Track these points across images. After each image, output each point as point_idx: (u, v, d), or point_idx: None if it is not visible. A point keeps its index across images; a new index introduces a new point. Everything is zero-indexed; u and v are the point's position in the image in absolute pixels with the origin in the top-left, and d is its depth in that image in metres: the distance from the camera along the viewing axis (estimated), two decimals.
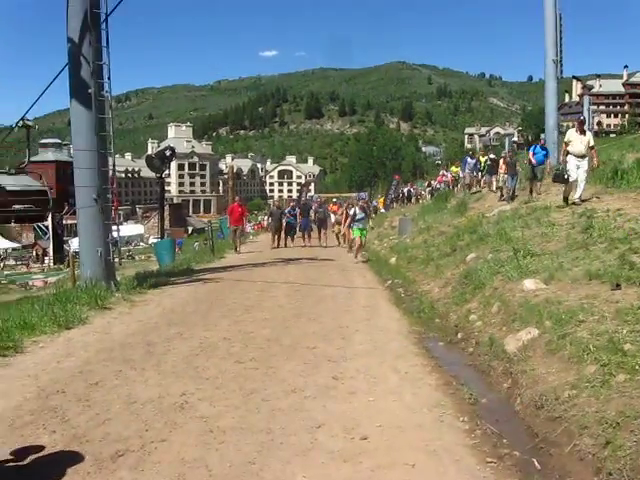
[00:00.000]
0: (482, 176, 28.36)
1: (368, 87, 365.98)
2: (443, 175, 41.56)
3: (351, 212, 19.46)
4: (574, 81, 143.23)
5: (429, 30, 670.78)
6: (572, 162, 14.23)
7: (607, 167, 16.69)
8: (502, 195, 21.19)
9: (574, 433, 4.46)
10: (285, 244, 26.13)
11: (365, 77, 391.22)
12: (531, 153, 19.80)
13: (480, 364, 6.81)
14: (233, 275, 15.20)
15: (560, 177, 14.79)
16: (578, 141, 14.37)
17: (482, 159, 28.96)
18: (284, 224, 26.20)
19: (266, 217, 47.40)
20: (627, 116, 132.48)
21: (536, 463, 4.34)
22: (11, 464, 4.30)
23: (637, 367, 4.80)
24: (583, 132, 14.58)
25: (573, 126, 15.31)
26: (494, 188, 24.00)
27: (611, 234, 9.58)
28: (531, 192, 18.93)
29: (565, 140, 14.88)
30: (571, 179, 14.12)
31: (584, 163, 14.19)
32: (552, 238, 11.06)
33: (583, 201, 13.67)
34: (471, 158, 30.42)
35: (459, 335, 8.21)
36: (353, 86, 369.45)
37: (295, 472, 4.15)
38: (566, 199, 14.31)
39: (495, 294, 8.94)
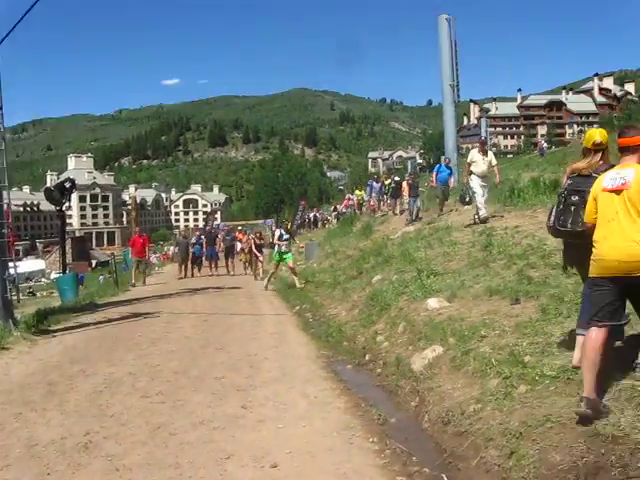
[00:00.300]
0: (387, 199, 28.83)
1: (272, 114, 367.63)
2: (349, 199, 42.05)
3: (277, 233, 19.01)
4: (471, 104, 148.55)
5: (330, 56, 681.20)
6: (476, 181, 14.47)
7: (505, 186, 17.30)
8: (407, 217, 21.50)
9: (480, 446, 4.55)
10: (192, 274, 25.86)
11: (268, 104, 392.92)
12: (434, 173, 20.16)
13: (388, 384, 6.87)
14: (138, 308, 14.85)
15: (463, 199, 15.20)
16: (481, 161, 14.69)
17: (386, 182, 29.42)
18: (190, 254, 25.86)
19: (172, 247, 46.74)
20: (522, 137, 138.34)
21: (445, 478, 4.39)
22: None
23: (537, 378, 4.95)
24: (485, 152, 14.98)
25: (474, 147, 15.82)
26: (397, 211, 24.48)
27: (510, 251, 9.94)
28: (441, 211, 19.18)
29: (468, 161, 15.13)
30: (477, 198, 14.30)
31: (487, 182, 14.64)
32: (454, 257, 11.36)
33: (487, 220, 13.79)
34: (376, 182, 30.96)
35: (367, 357, 8.26)
36: (257, 113, 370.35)
37: None
38: (475, 219, 14.34)
39: (401, 314, 9.07)
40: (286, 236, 18.51)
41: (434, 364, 6.44)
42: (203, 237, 27.34)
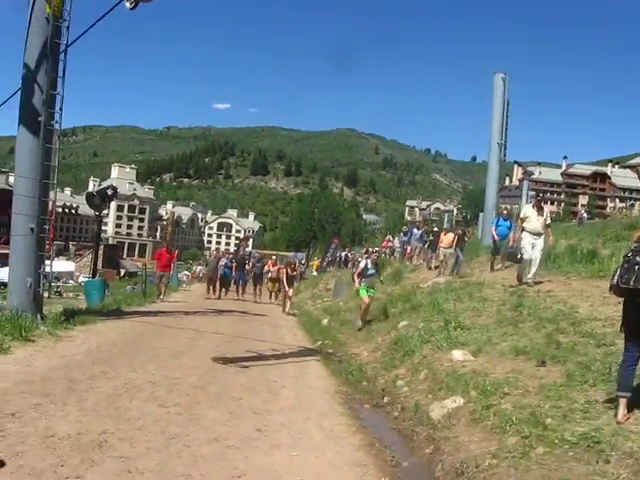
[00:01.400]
0: (423, 250, 27.87)
1: (316, 150, 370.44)
2: (389, 240, 41.54)
3: (361, 265, 15.92)
4: (515, 166, 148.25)
5: (380, 100, 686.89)
6: (527, 240, 13.51)
7: None
8: (439, 270, 20.83)
9: None
10: (219, 296, 25.74)
11: (314, 140, 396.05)
12: (493, 227, 19.11)
13: (404, 428, 6.85)
14: (163, 320, 14.97)
15: (513, 256, 14.16)
16: (535, 218, 13.70)
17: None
18: (219, 275, 25.91)
19: (200, 267, 46.88)
20: (563, 205, 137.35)
21: None
22: None
23: (557, 441, 4.92)
24: (541, 209, 13.95)
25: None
26: (433, 265, 23.20)
27: (540, 314, 9.86)
28: (492, 267, 17.91)
29: (521, 216, 14.18)
30: (525, 257, 13.40)
31: (540, 241, 13.60)
32: (483, 312, 11.32)
33: (536, 283, 12.93)
34: (417, 229, 30.17)
35: (385, 399, 8.24)
36: (301, 147, 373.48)
37: None
38: (520, 279, 13.53)
39: (424, 362, 9.05)
40: (371, 270, 15.50)
41: (453, 415, 6.41)
42: (234, 261, 27.41)
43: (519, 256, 13.66)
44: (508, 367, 7.49)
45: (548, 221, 14.12)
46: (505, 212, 20.55)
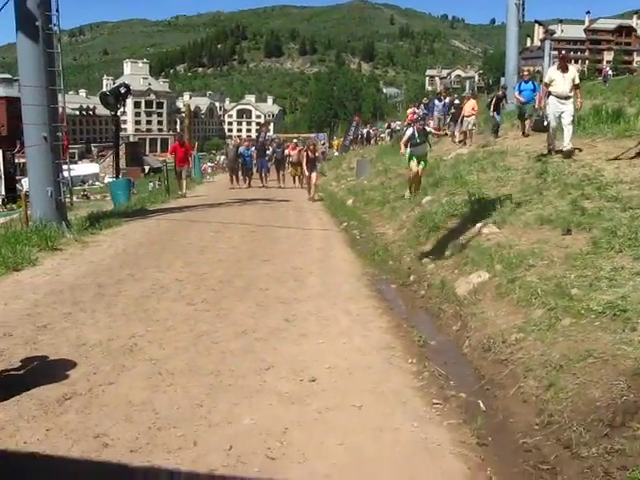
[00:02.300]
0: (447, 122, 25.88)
1: (329, 26, 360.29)
2: (414, 112, 39.86)
3: (408, 133, 14.50)
4: (536, 25, 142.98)
5: None
6: (554, 105, 12.37)
7: None
8: (463, 140, 20.50)
9: (519, 375, 4.54)
10: (248, 184, 25.59)
11: (326, 15, 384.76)
12: (516, 93, 17.94)
13: (431, 307, 6.88)
14: (188, 216, 15.03)
15: (540, 124, 13.31)
16: (561, 80, 12.40)
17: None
18: (240, 164, 25.67)
19: (223, 157, 46.60)
20: (587, 62, 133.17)
21: (481, 404, 4.42)
22: None
23: (583, 311, 4.88)
24: (566, 69, 12.54)
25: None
26: (457, 139, 22.32)
27: (565, 180, 9.67)
28: (523, 132, 17.08)
29: (546, 80, 12.90)
30: (553, 125, 12.41)
31: (569, 106, 12.31)
32: (507, 182, 11.14)
33: (575, 149, 11.80)
34: (439, 100, 28.80)
35: (412, 278, 8.25)
36: (314, 24, 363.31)
37: (242, 414, 4.15)
38: (550, 149, 12.50)
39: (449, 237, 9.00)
40: (420, 139, 14.01)
41: (479, 290, 6.40)
42: (253, 148, 27.07)
43: (546, 123, 12.81)
44: (533, 238, 7.40)
45: (577, 81, 12.71)
46: (526, 74, 19.18)
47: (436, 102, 28.47)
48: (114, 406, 4.27)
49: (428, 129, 14.74)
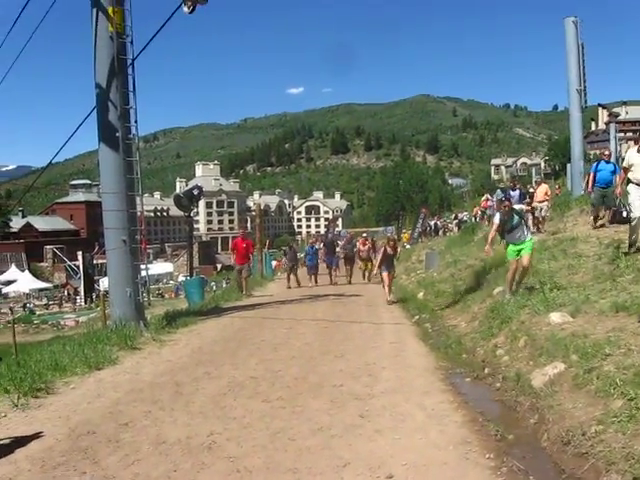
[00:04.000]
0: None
1: (393, 121, 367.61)
2: (487, 199, 38.87)
3: (496, 220, 11.78)
4: (600, 109, 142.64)
5: (452, 62, 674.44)
6: (636, 193, 10.78)
7: None
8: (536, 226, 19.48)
9: (601, 469, 4.43)
10: (314, 281, 24.88)
11: (390, 111, 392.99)
12: (591, 174, 16.07)
13: (507, 400, 6.77)
14: (261, 313, 15.27)
15: (619, 215, 12.10)
16: None
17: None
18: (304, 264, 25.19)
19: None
20: None
21: None
22: None
23: None
24: None
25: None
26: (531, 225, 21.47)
27: (639, 265, 9.52)
28: (595, 220, 15.35)
29: (624, 164, 11.37)
30: (635, 216, 10.72)
31: None
32: (579, 270, 11.03)
33: None
34: (513, 190, 27.57)
35: (486, 370, 8.16)
36: (378, 120, 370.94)
37: None
38: (632, 243, 10.89)
39: (522, 328, 8.89)
40: (513, 222, 11.29)
41: (555, 381, 6.30)
42: (318, 245, 26.67)
43: (625, 214, 11.61)
44: (609, 326, 7.28)
45: None
46: (607, 154, 17.01)
47: (511, 192, 26.84)
48: None
49: (518, 207, 12.07)
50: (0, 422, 6.46)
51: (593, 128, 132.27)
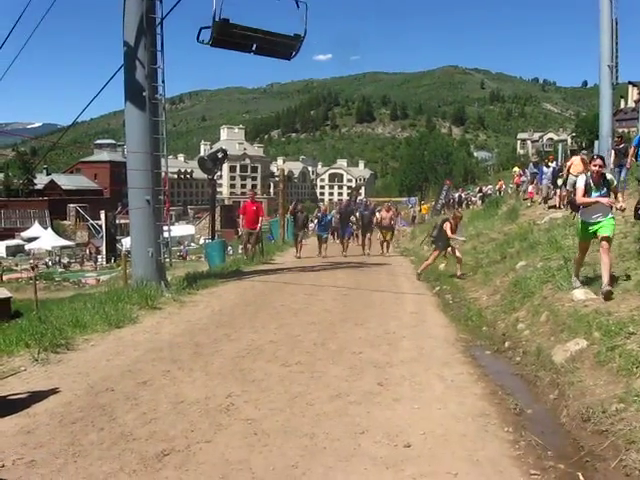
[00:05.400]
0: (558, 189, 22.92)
1: (420, 91, 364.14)
2: (520, 175, 37.39)
3: (579, 183, 8.71)
4: (630, 86, 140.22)
5: (482, 33, 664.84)
6: None
7: None
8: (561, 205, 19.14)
9: (621, 447, 4.39)
10: (319, 251, 22.90)
11: (417, 81, 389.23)
12: (633, 148, 15.92)
13: (527, 374, 6.73)
14: (281, 278, 15.30)
15: None
16: None
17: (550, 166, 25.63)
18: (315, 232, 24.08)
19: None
20: None
21: (581, 477, 4.27)
22: None
23: None
24: None
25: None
26: (557, 203, 21.05)
27: None
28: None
29: None
30: None
31: None
32: None
33: None
34: (547, 167, 25.84)
35: (506, 344, 8.11)
36: (405, 90, 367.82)
37: (337, 477, 4.18)
38: None
39: (544, 303, 8.83)
40: (600, 191, 8.49)
41: (576, 358, 6.24)
42: (330, 216, 25.26)
43: None
44: (633, 304, 7.18)
45: None
46: None
47: (544, 169, 25.92)
48: (211, 464, 4.37)
49: (609, 176, 8.89)
50: (20, 376, 6.53)
51: (622, 106, 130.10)
